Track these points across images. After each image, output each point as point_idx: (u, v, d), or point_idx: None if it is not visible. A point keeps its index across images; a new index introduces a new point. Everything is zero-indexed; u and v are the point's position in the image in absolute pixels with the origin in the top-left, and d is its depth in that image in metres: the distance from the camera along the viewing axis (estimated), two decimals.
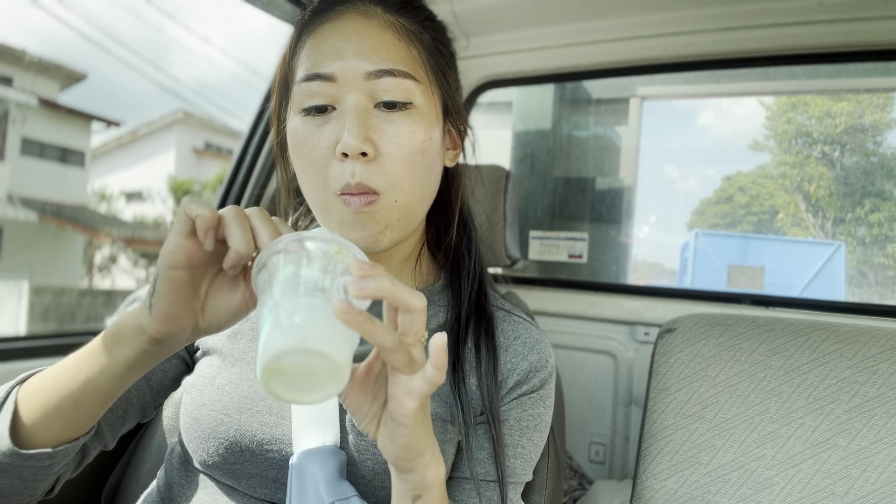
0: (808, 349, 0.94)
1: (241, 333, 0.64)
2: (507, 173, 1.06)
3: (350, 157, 0.54)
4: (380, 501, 0.56)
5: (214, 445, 0.57)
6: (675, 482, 0.93)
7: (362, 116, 0.54)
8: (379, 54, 0.55)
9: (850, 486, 0.85)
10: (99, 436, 0.58)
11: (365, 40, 0.56)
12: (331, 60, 0.55)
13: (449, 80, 0.63)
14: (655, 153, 1.92)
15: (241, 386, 0.59)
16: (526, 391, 0.62)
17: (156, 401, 0.66)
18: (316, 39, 0.58)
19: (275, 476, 0.57)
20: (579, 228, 1.76)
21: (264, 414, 0.57)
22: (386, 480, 0.55)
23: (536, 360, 0.63)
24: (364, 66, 0.55)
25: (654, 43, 1.31)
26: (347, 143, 0.53)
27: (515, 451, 0.60)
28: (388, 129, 0.55)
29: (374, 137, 0.54)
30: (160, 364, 0.65)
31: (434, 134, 0.59)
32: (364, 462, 0.55)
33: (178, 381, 0.68)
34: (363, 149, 0.53)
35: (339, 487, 0.53)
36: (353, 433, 0.57)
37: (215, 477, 0.60)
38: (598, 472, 1.47)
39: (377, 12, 0.58)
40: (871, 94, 1.77)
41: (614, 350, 1.44)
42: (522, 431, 0.61)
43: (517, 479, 0.61)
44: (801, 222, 2.01)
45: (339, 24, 0.57)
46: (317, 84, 0.55)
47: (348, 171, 0.54)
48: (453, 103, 0.64)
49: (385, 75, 0.55)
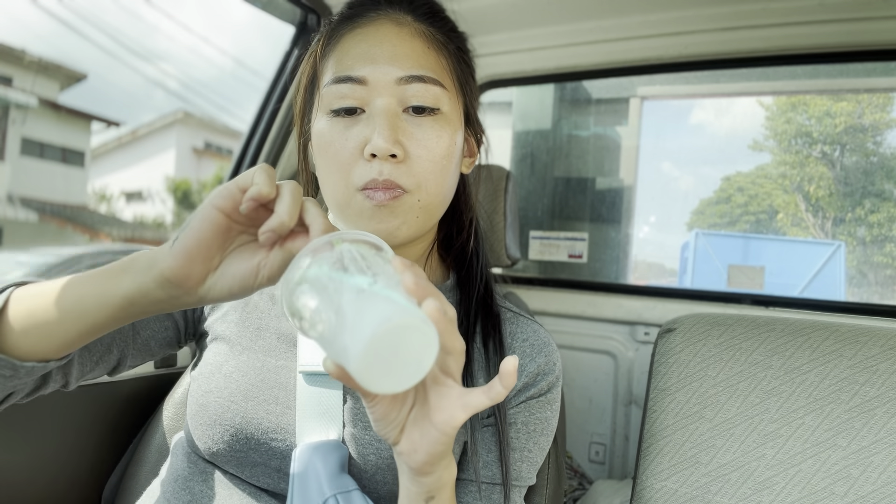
0: (808, 349, 0.94)
1: (249, 321, 0.65)
2: (507, 173, 1.06)
3: (378, 158, 0.55)
4: (381, 496, 0.56)
5: (220, 432, 0.58)
6: (675, 482, 0.93)
7: (392, 120, 0.56)
8: (410, 60, 0.57)
9: (850, 486, 0.85)
10: (65, 370, 0.56)
11: (397, 46, 0.58)
12: (362, 64, 0.57)
13: (471, 89, 0.66)
14: (655, 153, 1.92)
15: (248, 374, 0.60)
16: (534, 394, 0.62)
17: (134, 359, 0.65)
18: (347, 43, 0.59)
19: (278, 465, 0.57)
20: (579, 228, 1.77)
21: (270, 403, 0.58)
22: (388, 476, 0.56)
23: (544, 362, 0.63)
24: (395, 71, 0.57)
25: (654, 43, 1.31)
26: (378, 144, 0.54)
27: (522, 455, 0.60)
28: (416, 132, 0.57)
29: (402, 140, 0.56)
30: (152, 323, 0.65)
31: (458, 140, 0.61)
32: (367, 456, 0.56)
33: (163, 349, 0.68)
34: (393, 151, 0.54)
35: (341, 481, 0.53)
36: (356, 428, 0.57)
37: (220, 465, 0.60)
38: (598, 472, 1.47)
39: (408, 20, 0.60)
40: (871, 94, 1.78)
41: (614, 350, 1.44)
42: (529, 435, 0.61)
43: (522, 483, 0.61)
44: (801, 222, 2.01)
45: (370, 29, 0.59)
46: (347, 87, 0.57)
47: (375, 170, 0.55)
48: (473, 111, 0.67)
49: (415, 81, 0.57)
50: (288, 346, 0.63)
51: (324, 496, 0.52)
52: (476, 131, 0.68)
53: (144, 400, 0.94)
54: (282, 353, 0.62)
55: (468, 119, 0.66)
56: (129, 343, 0.63)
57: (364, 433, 0.56)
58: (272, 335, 0.63)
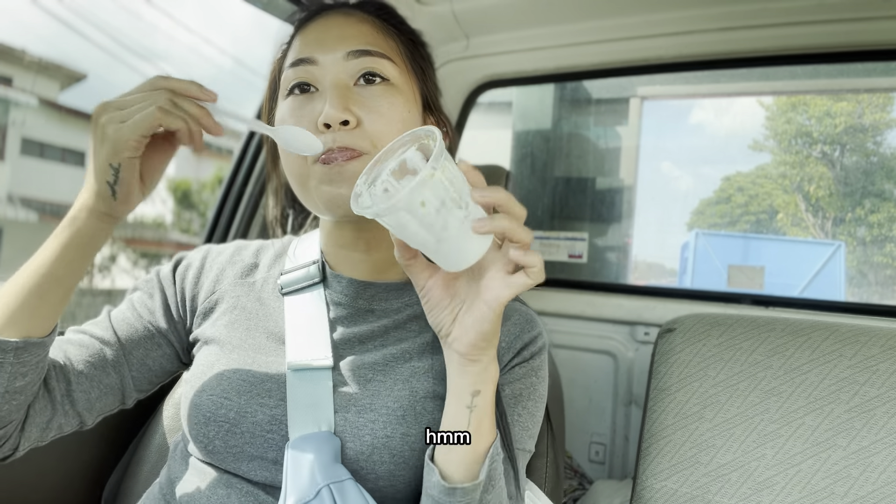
0: (808, 349, 0.94)
1: (237, 323, 0.66)
2: (506, 173, 1.06)
3: (332, 130, 0.57)
4: (379, 476, 0.57)
5: (215, 429, 0.58)
6: (675, 482, 0.93)
7: (342, 90, 0.59)
8: (357, 39, 0.61)
9: (850, 486, 0.85)
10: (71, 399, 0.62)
11: (344, 28, 0.62)
12: (313, 48, 0.61)
13: (427, 75, 0.68)
14: (655, 153, 1.92)
15: (239, 371, 0.61)
16: (517, 363, 0.63)
17: (138, 382, 0.68)
18: (300, 37, 0.64)
19: (275, 458, 0.58)
20: (579, 228, 1.77)
21: (263, 396, 0.59)
22: (385, 454, 0.56)
23: (529, 337, 0.65)
24: (344, 48, 0.60)
25: (654, 43, 1.31)
26: (329, 113, 0.56)
27: (512, 420, 0.61)
28: (367, 101, 0.59)
29: (353, 108, 0.58)
30: (140, 342, 0.67)
31: (413, 112, 0.63)
32: (362, 437, 0.56)
33: (164, 367, 0.70)
34: (344, 117, 0.57)
35: (334, 470, 0.54)
36: (350, 412, 0.58)
37: (216, 464, 0.60)
38: (598, 472, 1.47)
39: (356, 12, 0.65)
40: (871, 94, 1.78)
41: (614, 350, 1.44)
42: (517, 400, 0.62)
43: (517, 446, 0.61)
44: (801, 222, 2.01)
45: (321, 20, 0.64)
46: (301, 68, 0.61)
47: (330, 139, 0.57)
48: (433, 101, 0.68)
49: (363, 55, 0.60)
50: (277, 344, 0.63)
51: (317, 486, 0.52)
52: (442, 121, 0.70)
53: (144, 400, 0.94)
54: (272, 350, 0.63)
55: (428, 105, 0.67)
56: (123, 364, 0.66)
57: (359, 417, 0.57)
58: (261, 334, 0.65)
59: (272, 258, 0.73)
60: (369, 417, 0.57)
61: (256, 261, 0.72)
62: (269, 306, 0.67)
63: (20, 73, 12.73)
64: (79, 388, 0.62)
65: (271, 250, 0.74)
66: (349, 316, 0.64)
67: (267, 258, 0.73)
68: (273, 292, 0.68)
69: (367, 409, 0.58)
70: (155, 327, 0.68)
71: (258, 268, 0.72)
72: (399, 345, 0.62)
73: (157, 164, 0.55)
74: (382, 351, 0.62)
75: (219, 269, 0.71)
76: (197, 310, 0.69)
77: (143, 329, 0.68)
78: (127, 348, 0.66)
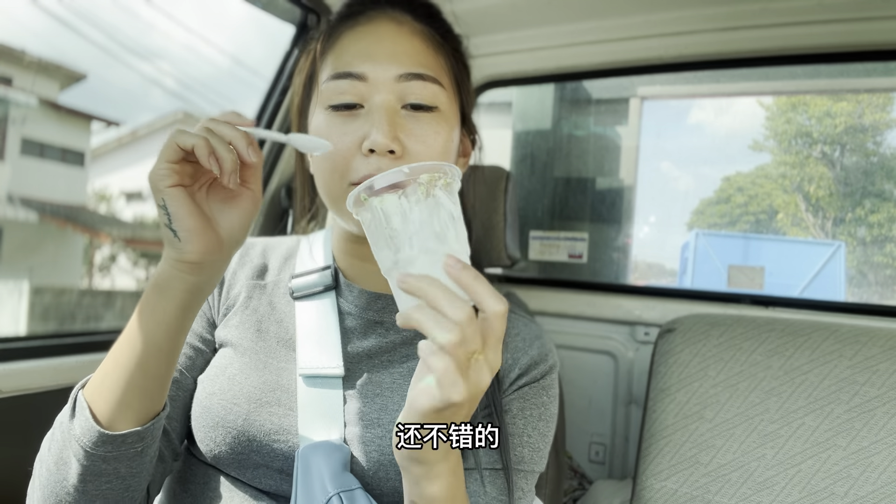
0: (808, 349, 0.94)
1: (249, 323, 0.65)
2: (507, 173, 1.06)
3: (377, 154, 0.56)
4: (384, 493, 0.56)
5: (222, 434, 0.58)
6: (675, 482, 0.93)
7: (391, 116, 0.57)
8: (409, 58, 0.58)
9: (850, 486, 0.85)
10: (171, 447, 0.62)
11: (396, 44, 0.59)
12: (362, 61, 0.58)
13: (467, 90, 0.67)
14: (655, 153, 1.92)
15: (251, 376, 0.61)
16: (527, 382, 0.63)
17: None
18: (346, 41, 0.61)
19: (280, 467, 0.58)
20: (579, 228, 1.76)
21: (273, 405, 0.58)
22: (391, 472, 0.56)
23: (537, 354, 0.64)
24: (395, 68, 0.58)
25: (654, 43, 1.31)
26: (377, 139, 0.55)
27: (521, 440, 0.61)
28: (414, 129, 0.58)
29: (400, 136, 0.57)
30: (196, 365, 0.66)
31: (455, 137, 0.62)
32: (370, 454, 0.56)
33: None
34: (391, 146, 0.55)
35: (344, 479, 0.54)
36: (358, 427, 0.57)
37: (222, 469, 0.61)
38: (598, 472, 1.47)
39: (407, 19, 0.61)
40: (871, 94, 1.77)
41: (614, 350, 1.44)
42: (527, 420, 0.61)
43: (526, 468, 0.61)
44: (801, 222, 2.01)
45: (370, 27, 0.61)
46: (347, 82, 0.58)
47: (374, 165, 0.56)
48: (469, 112, 0.68)
49: (414, 79, 0.58)
50: (287, 350, 0.63)
51: (327, 494, 0.52)
52: (471, 131, 0.70)
53: None
54: (282, 356, 0.63)
55: (464, 119, 0.67)
56: (181, 389, 0.64)
57: (366, 431, 0.57)
58: (272, 339, 0.64)
59: (281, 260, 0.72)
60: (377, 433, 0.57)
61: (265, 261, 0.72)
62: (280, 310, 0.66)
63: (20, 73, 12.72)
64: (173, 432, 0.63)
65: (278, 251, 0.74)
66: (359, 327, 0.64)
67: (276, 259, 0.72)
68: (284, 296, 0.68)
69: (375, 424, 0.57)
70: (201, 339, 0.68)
71: (268, 269, 0.71)
72: (406, 363, 0.62)
73: (229, 212, 0.51)
74: (390, 369, 0.62)
75: (232, 270, 0.71)
76: (219, 312, 0.69)
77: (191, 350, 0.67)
78: (185, 374, 0.65)
